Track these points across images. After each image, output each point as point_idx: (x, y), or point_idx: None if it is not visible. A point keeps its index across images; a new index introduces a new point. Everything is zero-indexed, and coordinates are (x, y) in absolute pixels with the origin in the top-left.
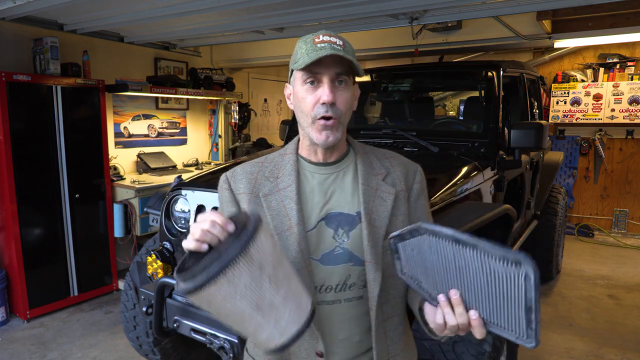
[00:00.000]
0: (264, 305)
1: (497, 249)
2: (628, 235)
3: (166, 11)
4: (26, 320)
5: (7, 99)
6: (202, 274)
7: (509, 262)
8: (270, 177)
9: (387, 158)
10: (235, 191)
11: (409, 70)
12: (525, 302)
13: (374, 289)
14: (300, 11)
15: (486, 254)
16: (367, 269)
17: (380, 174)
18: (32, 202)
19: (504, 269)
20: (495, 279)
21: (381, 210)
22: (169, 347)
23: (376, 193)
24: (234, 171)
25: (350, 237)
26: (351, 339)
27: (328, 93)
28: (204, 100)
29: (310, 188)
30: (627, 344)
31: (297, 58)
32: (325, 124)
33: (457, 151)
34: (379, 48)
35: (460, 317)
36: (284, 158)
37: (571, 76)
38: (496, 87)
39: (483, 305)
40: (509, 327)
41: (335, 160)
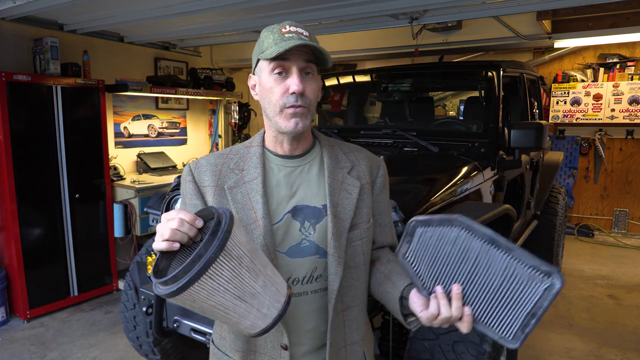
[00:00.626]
0: (246, 295)
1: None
2: (628, 235)
3: (166, 11)
4: (26, 320)
5: (7, 99)
6: (185, 276)
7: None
8: (235, 169)
9: (352, 152)
10: (200, 183)
11: (409, 70)
12: (532, 308)
13: (334, 282)
14: (300, 11)
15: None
16: (329, 261)
17: (345, 167)
18: (32, 202)
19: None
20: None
21: (346, 203)
22: (169, 347)
23: (342, 186)
24: (198, 163)
25: (316, 230)
26: (317, 329)
27: (298, 83)
28: (204, 100)
29: (277, 181)
30: (627, 344)
31: (263, 47)
32: (295, 111)
33: (457, 151)
34: (379, 48)
35: (456, 310)
36: (250, 150)
37: (571, 76)
38: (496, 87)
39: (481, 304)
40: (498, 327)
41: (302, 153)
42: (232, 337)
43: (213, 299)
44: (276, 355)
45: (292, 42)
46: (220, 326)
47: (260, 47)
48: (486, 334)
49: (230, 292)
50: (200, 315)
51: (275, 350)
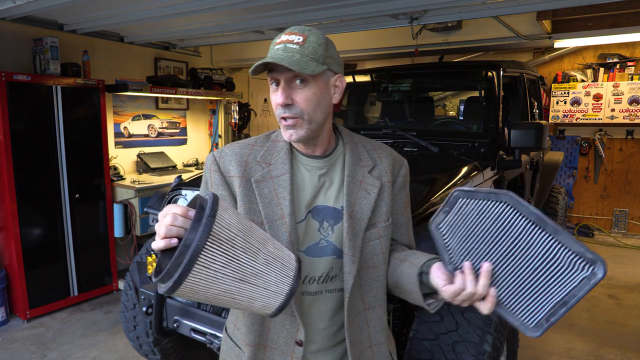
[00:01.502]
0: (248, 276)
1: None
2: (628, 235)
3: (166, 11)
4: (26, 320)
5: (7, 99)
6: (177, 269)
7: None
8: (262, 162)
9: (375, 149)
10: (226, 173)
11: (409, 70)
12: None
13: (348, 280)
14: (300, 11)
15: (563, 245)
16: (344, 260)
17: (367, 166)
18: (32, 202)
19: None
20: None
21: (364, 203)
22: (169, 347)
23: (361, 185)
24: (222, 152)
25: (334, 230)
26: (331, 329)
27: (279, 95)
28: (204, 100)
29: (302, 179)
30: (627, 344)
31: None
32: (287, 124)
33: (457, 151)
34: (379, 48)
35: (482, 288)
36: (277, 144)
37: (571, 76)
38: (496, 87)
39: (509, 286)
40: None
41: (325, 154)
42: (244, 330)
43: (214, 287)
44: (288, 351)
45: (268, 57)
46: (235, 315)
47: None
48: (506, 319)
49: (230, 277)
50: (200, 315)
51: (287, 346)
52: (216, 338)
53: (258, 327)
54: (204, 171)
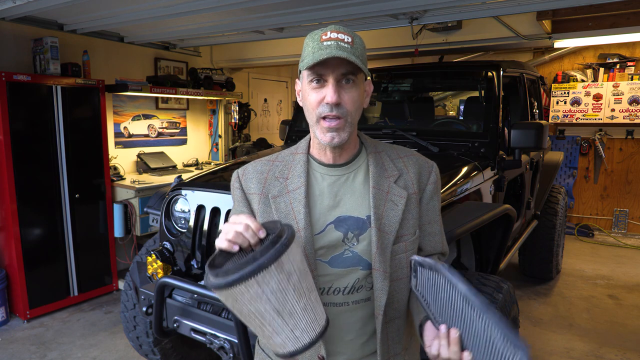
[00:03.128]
0: (285, 311)
1: (502, 327)
2: (628, 235)
3: (166, 11)
4: (26, 320)
5: (7, 99)
6: (236, 273)
7: (509, 341)
8: (280, 178)
9: (400, 157)
10: (246, 190)
11: (409, 70)
12: None
13: (381, 297)
14: (300, 11)
15: (491, 324)
16: (375, 277)
17: (392, 176)
18: (32, 202)
19: (502, 343)
20: (490, 343)
21: (392, 215)
22: (169, 347)
23: (387, 197)
24: (245, 169)
25: (359, 241)
26: (357, 340)
27: (332, 94)
28: (204, 100)
29: (320, 190)
30: (627, 344)
31: (304, 56)
32: (330, 126)
33: (457, 151)
34: (379, 48)
35: (453, 354)
36: (295, 157)
37: (571, 76)
38: (496, 87)
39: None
40: None
41: (346, 162)
42: None
43: (254, 305)
44: None
45: (325, 53)
46: None
47: (302, 54)
48: None
49: (271, 304)
50: (200, 315)
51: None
52: (216, 338)
53: None
54: (230, 187)
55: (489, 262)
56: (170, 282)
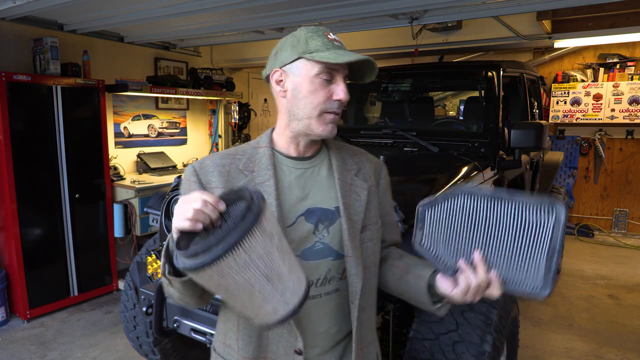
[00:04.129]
0: (274, 275)
1: (532, 198)
2: (628, 235)
3: (166, 11)
4: (26, 320)
5: (7, 99)
6: (218, 245)
7: (543, 207)
8: (245, 171)
9: (356, 154)
10: (206, 184)
11: (409, 70)
12: (549, 248)
13: (356, 283)
14: (300, 11)
15: (522, 204)
16: (349, 263)
17: (353, 170)
18: (32, 202)
19: (536, 216)
20: (524, 229)
21: (357, 205)
22: (169, 347)
23: (351, 188)
24: (202, 163)
25: (329, 232)
26: (330, 331)
27: (346, 92)
28: (204, 100)
29: (288, 183)
30: (627, 344)
31: (311, 48)
32: (334, 119)
33: (457, 151)
34: (379, 48)
35: (483, 276)
36: (258, 151)
37: (571, 76)
38: (496, 87)
39: (504, 264)
40: (526, 281)
41: (311, 155)
42: (240, 343)
43: (242, 275)
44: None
45: (351, 55)
46: (224, 334)
47: (305, 46)
48: (517, 293)
49: (259, 270)
50: (200, 315)
51: (288, 355)
52: None
53: (256, 340)
54: (183, 183)
55: None
56: None
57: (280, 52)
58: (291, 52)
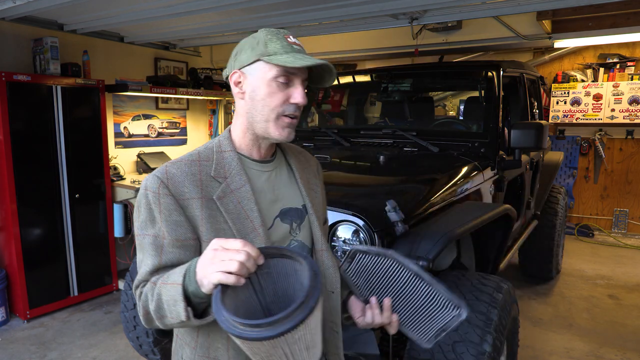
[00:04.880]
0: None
1: (448, 293)
2: (628, 235)
3: (166, 11)
4: (26, 320)
5: (7, 99)
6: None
7: (452, 303)
8: (217, 177)
9: (301, 153)
10: (179, 196)
11: (409, 70)
12: (443, 325)
13: (334, 273)
14: (300, 11)
15: (437, 292)
16: (324, 256)
17: (306, 168)
18: (32, 202)
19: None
20: (432, 306)
21: (317, 201)
22: (169, 347)
23: (309, 186)
24: (168, 172)
25: (301, 229)
26: None
27: (304, 96)
28: (204, 100)
29: (260, 186)
30: (627, 344)
31: (269, 50)
32: (292, 122)
33: (457, 151)
34: (379, 48)
35: (386, 318)
36: (224, 155)
37: (571, 76)
38: (496, 87)
39: (405, 315)
40: (417, 334)
41: (272, 157)
42: (232, 353)
43: (291, 348)
44: None
45: (310, 59)
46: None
47: (263, 48)
48: (408, 336)
49: (306, 342)
50: None
51: None
52: None
53: None
54: (144, 196)
55: (488, 262)
56: None
57: (239, 54)
58: (250, 54)
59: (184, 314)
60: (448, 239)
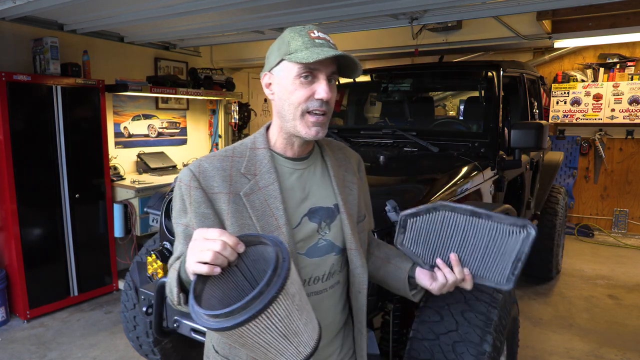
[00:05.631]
0: (290, 333)
1: (508, 218)
2: (628, 235)
3: (166, 11)
4: (26, 320)
5: (7, 99)
6: (243, 313)
7: (517, 225)
8: (247, 174)
9: (340, 149)
10: (208, 190)
11: (409, 70)
12: (517, 254)
13: (362, 274)
14: (300, 11)
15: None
16: (353, 256)
17: (343, 165)
18: (32, 202)
19: (509, 230)
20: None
21: (351, 200)
22: (169, 347)
23: (344, 184)
24: (201, 166)
25: (331, 228)
26: (334, 322)
27: (327, 90)
28: (204, 100)
29: (290, 185)
30: (627, 344)
31: (291, 49)
32: (317, 120)
33: (457, 151)
34: (379, 48)
35: (458, 273)
36: (257, 152)
37: (571, 76)
38: (496, 87)
39: (476, 264)
40: (493, 278)
41: (307, 155)
42: None
43: (261, 337)
44: None
45: (327, 52)
46: None
47: (287, 47)
48: (485, 285)
49: (278, 331)
50: None
51: None
52: None
53: None
54: (178, 187)
55: None
56: None
57: (269, 57)
58: (276, 55)
59: (176, 299)
60: None
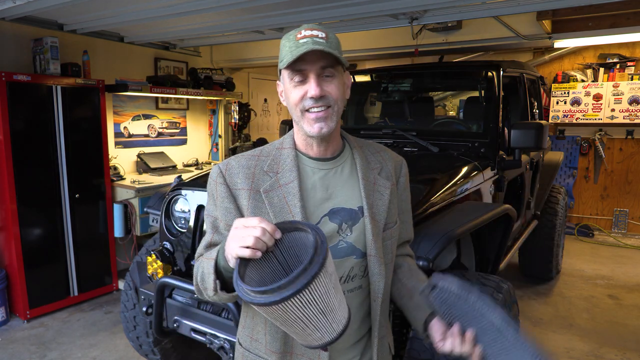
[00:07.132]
0: (327, 309)
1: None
2: (628, 235)
3: (166, 11)
4: (26, 320)
5: (7, 99)
6: (289, 287)
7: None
8: (269, 172)
9: (378, 152)
10: (232, 186)
11: (409, 70)
12: None
13: (379, 282)
14: (300, 11)
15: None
16: (372, 262)
17: (376, 168)
18: (32, 202)
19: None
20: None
21: (380, 204)
22: (169, 347)
23: (374, 187)
24: (228, 164)
25: (352, 231)
26: (353, 326)
27: (315, 87)
28: (204, 100)
29: (312, 184)
30: (627, 344)
31: (282, 56)
32: (317, 116)
33: (457, 151)
34: (379, 48)
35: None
36: (282, 152)
37: (571, 76)
38: (496, 87)
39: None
40: None
41: (333, 155)
42: (268, 338)
43: (302, 312)
44: (314, 357)
45: (302, 49)
46: (251, 328)
47: (280, 55)
48: None
49: (318, 307)
50: (200, 315)
51: (314, 352)
52: (216, 338)
53: (282, 335)
54: (209, 183)
55: (489, 262)
56: (170, 282)
57: None
58: (279, 65)
59: (212, 285)
60: (448, 239)
